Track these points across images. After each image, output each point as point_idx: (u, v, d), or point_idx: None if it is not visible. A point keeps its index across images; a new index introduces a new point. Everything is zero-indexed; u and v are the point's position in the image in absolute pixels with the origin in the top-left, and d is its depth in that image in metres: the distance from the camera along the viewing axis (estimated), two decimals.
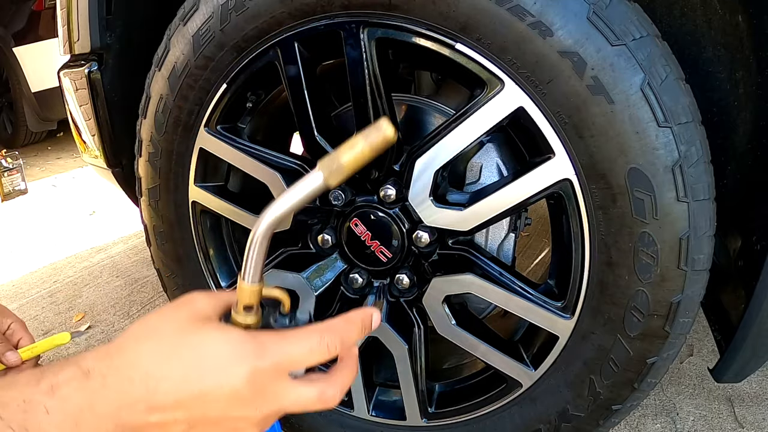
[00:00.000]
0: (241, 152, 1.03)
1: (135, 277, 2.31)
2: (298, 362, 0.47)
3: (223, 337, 0.46)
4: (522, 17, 0.73)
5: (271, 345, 0.46)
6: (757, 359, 0.87)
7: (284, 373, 0.46)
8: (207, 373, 0.43)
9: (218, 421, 0.44)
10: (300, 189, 0.60)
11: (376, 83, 0.86)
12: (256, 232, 0.59)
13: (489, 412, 1.01)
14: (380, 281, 1.05)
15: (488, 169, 0.99)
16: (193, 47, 0.96)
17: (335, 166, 0.57)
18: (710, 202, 0.76)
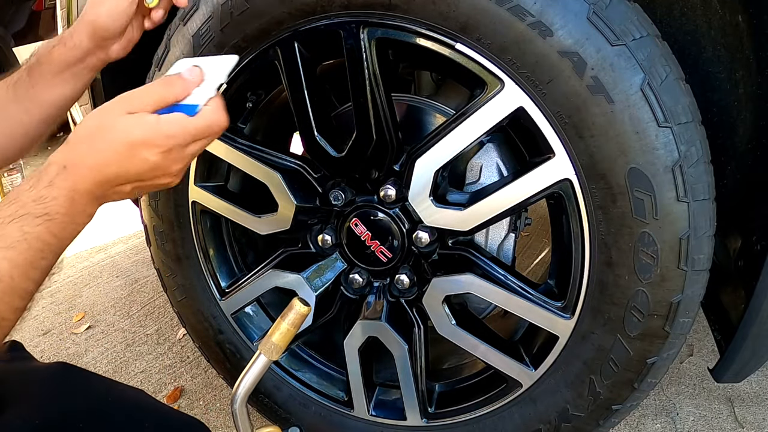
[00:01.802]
0: (241, 152, 1.03)
1: (135, 277, 2.31)
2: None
3: (139, 126, 0.62)
4: (522, 17, 0.73)
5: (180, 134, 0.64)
6: (757, 359, 0.87)
7: (183, 139, 0.64)
8: (134, 158, 0.62)
9: (152, 180, 0.64)
10: (253, 370, 0.84)
11: (376, 83, 0.86)
12: (235, 407, 0.85)
13: (489, 412, 1.01)
14: (380, 281, 1.05)
15: (488, 169, 0.99)
16: (193, 47, 0.96)
17: (270, 345, 0.81)
18: (710, 202, 0.76)
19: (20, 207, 0.58)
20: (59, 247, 0.60)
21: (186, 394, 1.57)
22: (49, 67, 0.81)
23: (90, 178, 0.61)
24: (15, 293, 0.55)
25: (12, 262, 0.55)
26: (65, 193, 0.60)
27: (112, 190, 0.63)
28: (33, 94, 0.81)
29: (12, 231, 0.56)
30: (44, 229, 0.57)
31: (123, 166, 0.62)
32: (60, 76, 0.81)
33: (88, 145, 0.62)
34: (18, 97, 0.81)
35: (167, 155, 0.63)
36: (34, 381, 0.74)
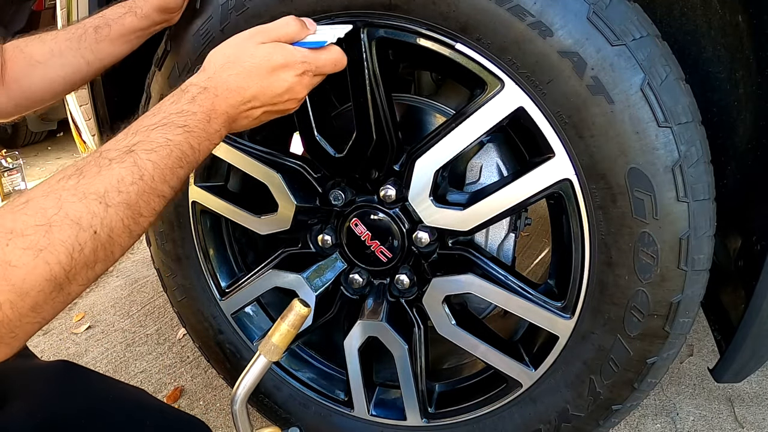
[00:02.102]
0: (241, 152, 1.03)
1: (135, 277, 2.31)
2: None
3: (284, 53, 0.71)
4: (522, 17, 0.73)
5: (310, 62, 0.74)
6: (757, 359, 0.87)
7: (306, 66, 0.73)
8: (274, 82, 0.71)
9: (280, 105, 0.73)
10: (252, 371, 0.84)
11: (376, 83, 0.86)
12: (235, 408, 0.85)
13: (489, 412, 1.01)
14: (380, 281, 1.05)
15: (488, 169, 0.99)
16: (193, 47, 0.96)
17: (270, 347, 0.82)
18: (710, 202, 0.76)
19: (164, 117, 0.64)
20: (194, 160, 0.65)
21: (186, 394, 1.57)
22: (119, 29, 0.92)
23: (229, 99, 0.69)
24: (154, 193, 0.60)
25: (155, 164, 0.60)
26: (204, 110, 0.66)
27: (245, 113, 0.71)
28: (97, 49, 0.92)
29: (156, 137, 0.61)
30: (184, 139, 0.63)
31: (262, 87, 0.70)
32: (126, 37, 0.93)
33: (230, 69, 0.69)
34: (82, 50, 0.92)
35: (301, 79, 0.73)
36: (36, 378, 0.74)
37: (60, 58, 0.91)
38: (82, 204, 0.54)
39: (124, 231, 0.57)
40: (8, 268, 0.50)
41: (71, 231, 0.53)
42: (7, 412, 0.66)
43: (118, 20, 0.92)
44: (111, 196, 0.56)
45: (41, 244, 0.51)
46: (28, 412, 0.66)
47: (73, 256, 0.53)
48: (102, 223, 0.55)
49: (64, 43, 0.91)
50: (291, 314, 0.81)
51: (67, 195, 0.54)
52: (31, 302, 0.51)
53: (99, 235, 0.55)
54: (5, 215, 0.52)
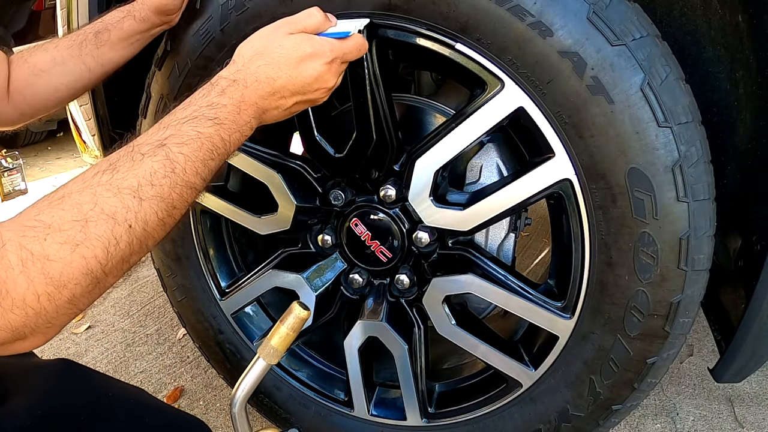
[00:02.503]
0: (241, 152, 1.03)
1: (135, 277, 2.31)
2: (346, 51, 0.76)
3: (311, 43, 0.72)
4: (522, 17, 0.73)
5: (337, 50, 0.75)
6: (757, 359, 0.87)
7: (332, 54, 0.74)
8: (304, 72, 0.71)
9: (311, 95, 0.74)
10: (251, 373, 0.84)
11: (376, 83, 0.86)
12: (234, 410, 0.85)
13: (489, 412, 1.01)
14: (380, 281, 1.05)
15: (488, 169, 0.99)
16: (193, 47, 0.96)
17: (269, 349, 0.82)
18: (710, 202, 0.76)
19: (195, 110, 0.65)
20: (225, 152, 0.66)
21: (186, 394, 1.57)
22: (118, 33, 0.92)
23: (259, 90, 0.69)
24: (186, 185, 0.61)
25: (186, 157, 0.61)
26: (234, 102, 0.67)
27: (276, 104, 0.72)
28: (98, 54, 0.92)
29: (187, 130, 0.62)
30: (215, 131, 0.64)
31: (291, 77, 0.71)
32: (126, 41, 0.93)
33: (259, 60, 0.70)
34: (83, 56, 0.92)
35: (329, 67, 0.73)
36: (37, 375, 0.75)
37: (62, 65, 0.92)
38: (116, 199, 0.55)
39: (158, 224, 0.58)
40: (46, 262, 0.51)
41: (107, 226, 0.54)
42: (7, 408, 0.66)
43: (117, 24, 0.92)
44: (144, 190, 0.57)
45: (78, 238, 0.52)
46: (27, 409, 0.66)
47: (108, 251, 0.54)
48: (136, 217, 0.56)
49: (66, 51, 0.92)
50: (290, 317, 0.81)
51: (102, 190, 0.55)
52: (68, 295, 0.52)
53: (134, 229, 0.56)
54: (43, 210, 0.53)
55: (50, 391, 0.71)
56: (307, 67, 0.72)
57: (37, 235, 0.51)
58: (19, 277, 0.50)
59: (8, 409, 0.66)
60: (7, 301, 0.50)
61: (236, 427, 0.85)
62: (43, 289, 0.51)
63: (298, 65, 0.71)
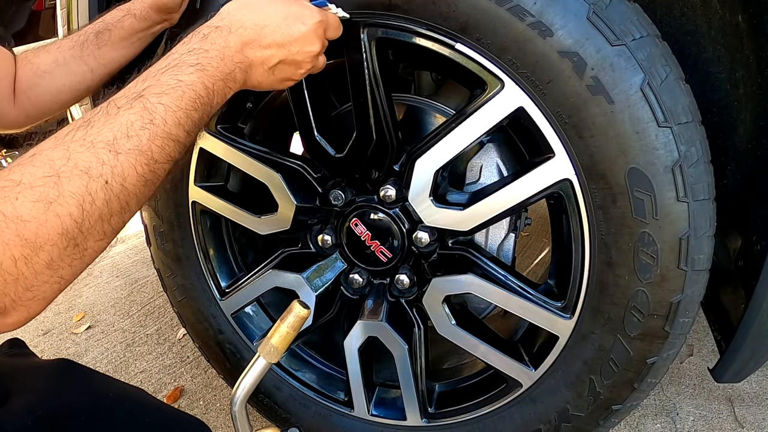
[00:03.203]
0: (241, 152, 1.03)
1: (135, 277, 2.31)
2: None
3: (295, 3, 0.71)
4: (522, 17, 0.73)
5: (323, 15, 0.74)
6: (757, 359, 0.87)
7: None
8: (290, 24, 0.69)
9: (295, 55, 0.70)
10: (252, 372, 0.83)
11: (376, 83, 0.86)
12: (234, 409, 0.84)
13: (489, 412, 1.01)
14: (380, 281, 1.05)
15: (488, 169, 0.99)
16: None
17: (269, 348, 0.82)
18: (710, 202, 0.76)
19: (175, 58, 0.62)
20: (208, 102, 0.62)
21: (186, 394, 1.57)
22: (119, 33, 0.92)
23: (244, 36, 0.66)
24: (168, 137, 0.58)
25: (166, 107, 0.58)
26: (218, 48, 0.64)
27: (261, 56, 0.68)
28: (100, 54, 0.92)
29: (167, 78, 0.59)
30: (197, 78, 0.61)
31: (278, 26, 0.68)
32: (127, 40, 0.93)
33: (245, 9, 0.68)
34: (84, 56, 0.91)
35: (315, 29, 0.71)
36: (37, 375, 0.75)
37: (65, 67, 0.91)
38: (90, 153, 0.53)
39: (138, 179, 0.56)
40: (20, 222, 0.49)
41: (81, 181, 0.51)
42: (8, 408, 0.66)
43: (117, 24, 0.92)
44: (120, 143, 0.54)
45: (51, 195, 0.50)
46: (28, 408, 0.66)
47: (84, 208, 0.52)
48: (113, 171, 0.53)
49: (68, 52, 0.92)
50: (290, 316, 0.81)
51: (75, 146, 0.53)
52: (46, 258, 0.50)
53: (111, 185, 0.53)
54: (14, 168, 0.51)
55: (50, 391, 0.71)
56: (294, 21, 0.70)
57: (8, 195, 0.49)
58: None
59: (9, 410, 0.66)
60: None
61: (236, 426, 0.85)
62: (19, 252, 0.48)
63: (286, 18, 0.69)
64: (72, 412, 0.69)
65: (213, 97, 0.63)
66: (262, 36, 0.67)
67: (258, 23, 0.68)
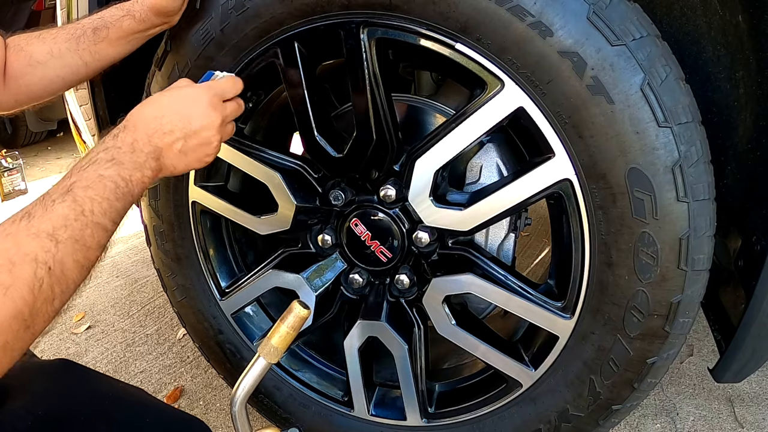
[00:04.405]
0: (241, 152, 1.03)
1: (135, 277, 2.31)
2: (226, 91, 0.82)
3: (189, 87, 0.79)
4: (522, 17, 0.73)
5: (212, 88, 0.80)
6: (757, 359, 0.87)
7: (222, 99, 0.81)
8: (185, 108, 0.76)
9: (197, 132, 0.77)
10: (252, 372, 0.84)
11: (376, 83, 0.86)
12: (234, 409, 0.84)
13: (489, 412, 1.01)
14: (380, 281, 1.05)
15: (488, 169, 0.99)
16: (193, 47, 0.96)
17: (269, 348, 0.82)
18: (710, 202, 0.76)
19: (93, 156, 0.69)
20: (128, 192, 0.68)
21: (186, 394, 1.57)
22: (117, 32, 0.93)
23: (147, 129, 0.73)
24: (97, 227, 0.64)
25: (92, 199, 0.64)
26: (128, 142, 0.71)
27: (169, 142, 0.75)
28: (95, 50, 0.94)
29: (89, 174, 0.66)
30: (115, 172, 0.67)
31: (177, 112, 0.75)
32: (124, 39, 0.94)
33: (145, 107, 0.76)
34: (80, 50, 0.93)
35: (208, 105, 0.78)
36: (37, 375, 0.75)
37: (59, 59, 0.92)
38: (36, 242, 0.58)
39: (75, 265, 0.61)
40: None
41: (30, 268, 0.56)
42: (8, 408, 0.66)
43: (116, 23, 0.93)
44: (59, 233, 0.60)
45: (6, 282, 0.54)
46: (27, 408, 0.66)
47: (34, 292, 0.56)
48: (54, 258, 0.59)
49: (64, 45, 0.92)
50: (290, 316, 0.81)
51: (22, 235, 0.58)
52: (1, 341, 0.54)
53: (53, 271, 0.58)
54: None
55: (50, 391, 0.71)
56: (189, 104, 0.77)
57: None
58: None
59: (9, 410, 0.66)
60: None
61: (236, 426, 0.85)
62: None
63: (183, 104, 0.76)
64: (72, 412, 0.69)
65: (132, 187, 0.69)
66: (163, 124, 0.74)
67: (156, 115, 0.75)
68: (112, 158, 0.68)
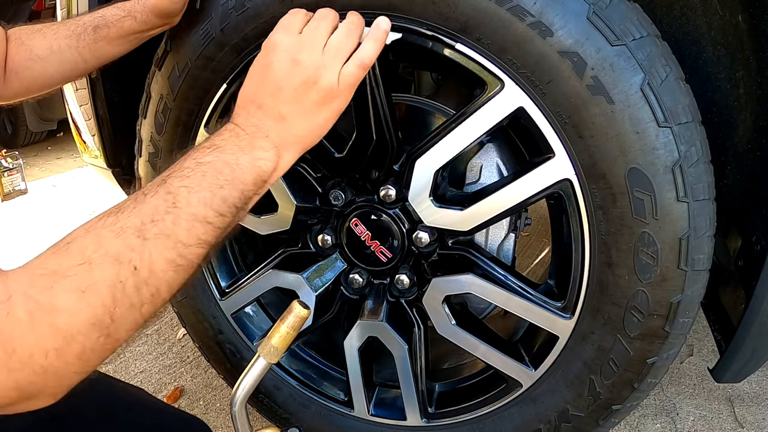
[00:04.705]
0: None
1: None
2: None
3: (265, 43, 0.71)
4: (522, 17, 0.73)
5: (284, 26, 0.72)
6: (757, 359, 0.87)
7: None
8: (265, 65, 0.69)
9: (287, 82, 0.68)
10: (252, 372, 0.83)
11: (376, 83, 0.86)
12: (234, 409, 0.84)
13: (489, 412, 1.01)
14: (380, 281, 1.05)
15: (488, 169, 0.99)
16: (193, 47, 0.96)
17: (269, 348, 0.81)
18: (710, 202, 0.76)
19: (194, 149, 0.64)
20: (238, 179, 0.61)
21: (186, 394, 1.57)
22: (117, 31, 0.92)
23: (242, 104, 0.68)
24: (194, 219, 0.57)
25: (189, 188, 0.57)
26: (229, 128, 0.66)
27: (265, 112, 0.67)
28: (95, 48, 0.93)
29: (187, 164, 0.60)
30: (215, 157, 0.61)
31: (263, 73, 0.68)
32: (124, 39, 0.94)
33: (242, 89, 0.70)
34: (79, 47, 0.92)
35: (298, 41, 0.68)
36: None
37: (59, 55, 0.92)
38: (119, 239, 0.52)
39: (167, 264, 0.54)
40: (54, 312, 0.47)
41: (112, 269, 0.51)
42: None
43: (116, 23, 0.93)
44: (147, 228, 0.54)
45: (83, 284, 0.49)
46: None
47: (115, 296, 0.51)
48: (141, 257, 0.52)
49: (64, 41, 0.93)
50: (290, 316, 0.81)
51: (105, 232, 0.53)
52: (78, 349, 0.49)
53: (139, 271, 0.52)
54: (50, 258, 0.51)
55: None
56: (269, 56, 0.69)
57: (44, 283, 0.48)
58: (27, 332, 0.46)
59: None
60: (14, 360, 0.46)
61: (236, 426, 0.85)
62: (51, 344, 0.48)
63: (261, 63, 0.70)
64: (72, 412, 0.69)
65: (241, 173, 0.62)
66: (255, 98, 0.68)
67: (248, 93, 0.69)
68: (213, 145, 0.63)
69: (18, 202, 3.73)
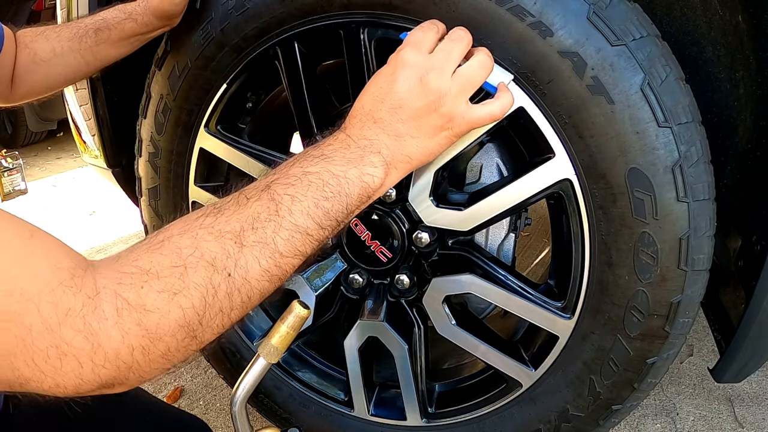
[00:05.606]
0: (241, 152, 1.03)
1: None
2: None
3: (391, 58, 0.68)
4: (522, 17, 0.73)
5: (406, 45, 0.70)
6: (757, 359, 0.87)
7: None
8: (396, 75, 0.66)
9: (420, 101, 0.65)
10: (251, 372, 0.82)
11: None
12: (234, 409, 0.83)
13: (489, 412, 1.01)
14: (380, 281, 1.05)
15: (488, 169, 0.99)
16: (193, 47, 0.96)
17: (269, 348, 0.80)
18: (710, 202, 0.76)
19: (301, 155, 0.61)
20: (340, 191, 0.59)
21: (186, 394, 1.57)
22: (118, 34, 0.93)
23: (357, 115, 0.65)
24: (295, 229, 0.55)
25: (293, 197, 0.56)
26: (340, 138, 0.64)
27: (381, 127, 0.64)
28: (97, 51, 0.94)
29: (294, 171, 0.58)
30: (322, 167, 0.59)
31: (386, 88, 0.65)
32: (125, 41, 0.95)
33: (358, 100, 0.67)
34: (82, 50, 0.93)
35: (428, 61, 0.65)
36: None
37: (62, 58, 0.93)
38: (217, 243, 0.51)
39: (261, 274, 0.53)
40: (143, 312, 0.47)
41: (206, 273, 0.50)
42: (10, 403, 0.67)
43: (118, 25, 0.93)
44: (246, 234, 0.53)
45: (177, 286, 0.49)
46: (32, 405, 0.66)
47: (206, 300, 0.50)
48: (237, 264, 0.51)
49: (66, 44, 0.93)
50: (290, 316, 0.81)
51: (204, 233, 0.52)
52: (163, 348, 0.49)
53: (233, 279, 0.51)
54: (142, 255, 0.50)
55: None
56: (400, 74, 0.66)
57: (134, 282, 0.48)
58: (113, 328, 0.46)
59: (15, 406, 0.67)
60: (98, 355, 0.46)
61: (236, 426, 0.84)
62: (137, 342, 0.47)
63: (390, 76, 0.67)
64: (74, 412, 0.69)
65: (348, 187, 0.60)
66: (371, 110, 0.65)
67: (366, 99, 0.66)
68: (321, 154, 0.61)
69: (18, 202, 3.72)
